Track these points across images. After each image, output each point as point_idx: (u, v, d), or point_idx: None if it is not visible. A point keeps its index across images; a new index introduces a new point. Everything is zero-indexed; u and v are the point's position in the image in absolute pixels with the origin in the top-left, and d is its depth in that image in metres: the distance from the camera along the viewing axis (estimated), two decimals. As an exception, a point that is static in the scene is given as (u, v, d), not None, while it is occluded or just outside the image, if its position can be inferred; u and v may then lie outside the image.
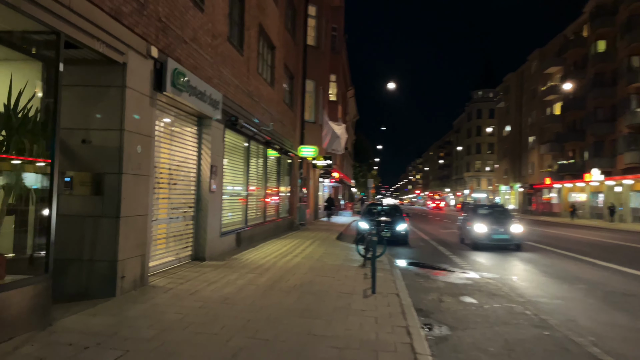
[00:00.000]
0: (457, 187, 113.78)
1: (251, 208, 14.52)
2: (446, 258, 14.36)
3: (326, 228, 23.20)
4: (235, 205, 13.06)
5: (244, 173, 13.55)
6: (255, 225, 14.59)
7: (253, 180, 14.69)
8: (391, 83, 40.69)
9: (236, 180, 13.03)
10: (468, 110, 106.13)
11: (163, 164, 8.84)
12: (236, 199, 13.18)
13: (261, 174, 15.79)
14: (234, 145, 12.55)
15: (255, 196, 15.22)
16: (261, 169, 15.79)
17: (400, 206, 20.26)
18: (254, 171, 14.75)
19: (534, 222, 39.66)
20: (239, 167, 13.20)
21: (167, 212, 9.09)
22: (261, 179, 15.80)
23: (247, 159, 13.64)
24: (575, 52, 52.52)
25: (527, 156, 66.97)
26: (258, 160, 15.47)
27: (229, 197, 12.48)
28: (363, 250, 11.50)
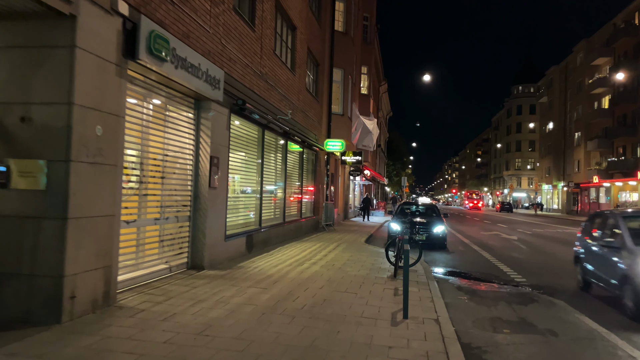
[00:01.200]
0: (496, 186, 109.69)
1: (267, 207, 12.86)
2: (492, 266, 12.33)
3: (355, 229, 21.38)
4: (246, 204, 11.43)
5: (258, 167, 11.90)
6: (272, 227, 12.93)
7: (269, 176, 13.03)
8: (426, 75, 38.50)
9: (248, 176, 11.39)
10: (507, 106, 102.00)
11: (148, 152, 7.26)
12: (247, 197, 11.55)
13: (280, 169, 14.13)
14: (244, 135, 10.91)
15: (272, 194, 13.57)
16: (280, 163, 14.12)
17: (436, 206, 18.28)
18: (270, 166, 13.10)
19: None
20: (251, 160, 11.55)
21: (156, 212, 7.51)
22: (280, 175, 14.14)
23: (261, 151, 11.98)
24: (625, 41, 48.81)
25: (572, 153, 63.20)
26: (276, 154, 13.81)
27: (237, 195, 10.85)
28: (394, 258, 9.67)
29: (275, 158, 13.69)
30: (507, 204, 72.34)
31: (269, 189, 13.16)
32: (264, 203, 12.49)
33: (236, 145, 10.36)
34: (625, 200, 48.92)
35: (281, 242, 13.67)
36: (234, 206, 10.51)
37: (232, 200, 10.33)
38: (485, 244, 17.77)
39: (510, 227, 29.75)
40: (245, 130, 10.97)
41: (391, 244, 10.20)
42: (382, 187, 63.59)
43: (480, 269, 11.76)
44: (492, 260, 13.40)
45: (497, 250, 15.99)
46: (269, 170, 12.98)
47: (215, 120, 8.78)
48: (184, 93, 8.08)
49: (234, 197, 10.56)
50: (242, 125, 10.71)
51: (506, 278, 10.49)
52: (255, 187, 11.85)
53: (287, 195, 14.93)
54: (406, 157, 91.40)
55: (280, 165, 14.12)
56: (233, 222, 10.35)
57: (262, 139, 11.99)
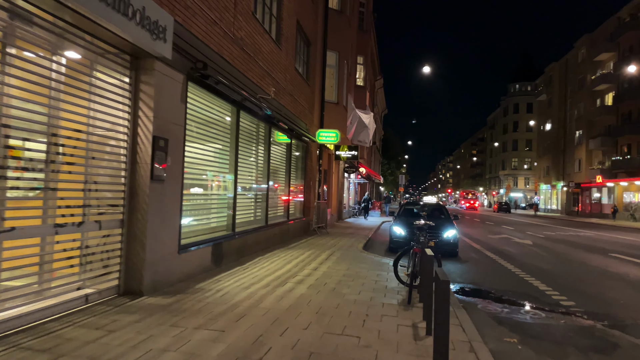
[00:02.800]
0: (491, 185, 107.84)
1: (244, 208, 10.42)
2: (521, 281, 9.96)
3: (351, 232, 18.98)
4: (213, 204, 8.98)
5: (232, 158, 9.45)
6: (251, 232, 10.49)
7: (247, 169, 10.60)
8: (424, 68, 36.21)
9: (217, 167, 8.94)
10: (504, 104, 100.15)
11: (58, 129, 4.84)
12: (216, 195, 9.10)
13: (262, 161, 11.70)
14: (210, 113, 8.45)
15: (251, 192, 11.14)
16: (262, 155, 11.69)
17: (445, 206, 15.94)
18: (249, 157, 10.66)
19: (601, 227, 34.66)
20: (221, 148, 9.11)
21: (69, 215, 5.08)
22: (262, 169, 11.71)
23: (235, 137, 9.53)
24: (631, 35, 46.81)
25: (573, 152, 61.17)
26: (257, 144, 11.38)
27: (200, 191, 8.41)
28: (406, 276, 7.30)
29: (256, 148, 11.26)
30: (504, 204, 70.29)
31: (246, 186, 10.73)
32: (240, 202, 10.05)
33: (198, 126, 7.91)
34: (630, 200, 46.93)
35: (262, 249, 11.24)
36: (194, 206, 8.07)
37: (191, 199, 7.90)
38: (500, 250, 15.42)
39: (517, 229, 27.49)
40: (213, 107, 8.51)
41: (402, 255, 7.81)
42: (376, 187, 61.26)
43: (509, 286, 9.38)
44: (517, 272, 11.03)
45: (517, 258, 13.64)
46: (247, 162, 10.54)
47: (163, 88, 6.34)
48: (114, 45, 5.64)
49: (195, 194, 8.12)
50: (208, 100, 8.26)
51: (548, 300, 8.12)
52: (228, 182, 9.40)
53: (271, 194, 12.51)
54: (401, 156, 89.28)
55: (262, 157, 11.69)
56: (193, 228, 7.91)
57: (237, 123, 9.54)
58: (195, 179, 8.08)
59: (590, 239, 21.86)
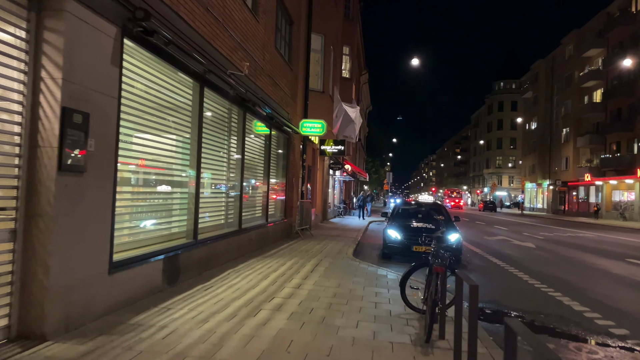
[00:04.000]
0: (475, 184, 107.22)
1: (209, 209, 8.51)
2: (548, 298, 8.24)
3: (337, 234, 17.17)
4: (165, 204, 7.05)
5: (193, 147, 7.52)
6: (219, 238, 8.57)
7: (214, 162, 8.67)
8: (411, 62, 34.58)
9: (171, 158, 7.01)
10: (488, 102, 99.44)
11: None
12: (170, 193, 7.17)
13: (235, 154, 9.79)
14: (162, 87, 6.52)
15: (219, 189, 9.23)
16: (235, 145, 9.79)
17: (444, 206, 14.18)
18: (217, 146, 8.74)
19: (596, 227, 33.47)
20: (177, 133, 7.18)
21: None
22: (235, 163, 9.81)
23: (198, 120, 7.60)
24: (621, 30, 45.89)
25: (560, 150, 60.30)
26: (229, 131, 9.48)
27: (146, 189, 6.49)
28: (422, 303, 5.53)
29: (227, 138, 9.36)
30: (490, 202, 69.25)
31: (214, 183, 8.82)
32: (205, 203, 8.14)
33: (144, 102, 5.99)
34: (619, 199, 46.04)
35: (235, 259, 9.35)
36: (138, 208, 6.16)
37: (133, 198, 5.98)
38: (505, 256, 13.76)
39: (511, 229, 25.99)
40: (165, 79, 6.58)
41: (411, 273, 6.00)
42: (360, 185, 59.57)
43: (537, 305, 7.65)
44: (537, 285, 9.32)
45: (528, 265, 11.97)
46: (215, 154, 8.63)
47: (80, 41, 4.41)
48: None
49: (139, 192, 6.20)
50: (158, 68, 6.33)
51: (594, 328, 6.40)
52: (188, 177, 7.47)
53: (246, 192, 10.61)
54: (385, 154, 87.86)
55: (235, 148, 9.79)
56: (135, 237, 5.99)
57: (200, 102, 7.61)
58: (138, 172, 6.16)
59: (593, 240, 20.40)
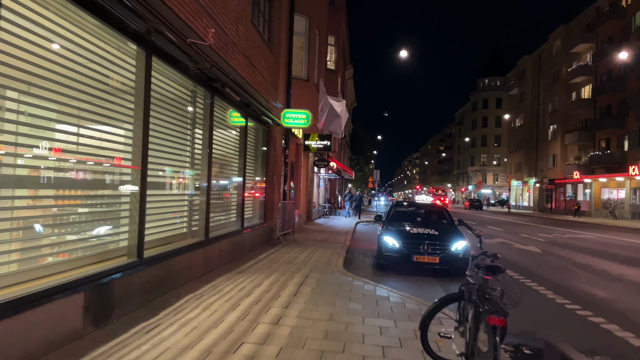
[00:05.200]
0: (459, 182, 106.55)
1: (161, 215, 6.62)
2: (589, 325, 6.58)
3: (324, 238, 15.39)
4: (90, 212, 5.15)
5: (137, 134, 5.63)
6: (176, 253, 6.69)
7: (169, 156, 6.80)
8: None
9: (102, 146, 5.11)
10: (473, 99, 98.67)
11: None
12: (99, 196, 5.27)
13: (200, 147, 7.92)
14: (85, 49, 4.65)
15: (177, 189, 7.37)
16: (200, 137, 7.92)
17: (445, 208, 12.45)
18: (172, 135, 6.87)
19: (593, 227, 32.29)
20: (112, 114, 5.30)
21: None
22: (200, 158, 7.94)
23: (144, 100, 5.70)
24: (611, 24, 45.00)
25: (547, 148, 59.40)
26: (193, 121, 7.61)
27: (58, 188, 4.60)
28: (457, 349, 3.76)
29: (190, 126, 7.50)
30: (476, 200, 68.25)
31: (169, 181, 6.96)
32: (157, 207, 6.28)
33: (51, 68, 4.12)
34: (609, 197, 45.14)
35: (199, 277, 7.50)
36: (42, 218, 4.28)
37: (28, 205, 4.11)
38: (512, 263, 12.11)
39: (506, 230, 24.53)
40: (91, 39, 4.71)
41: (436, 310, 4.23)
42: (344, 183, 57.87)
43: (584, 340, 5.97)
44: (569, 306, 7.65)
45: (543, 275, 10.33)
46: (171, 145, 6.76)
47: None
48: None
49: (41, 196, 4.33)
50: (78, 21, 4.47)
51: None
52: (129, 175, 5.60)
53: (216, 193, 8.76)
54: (369, 152, 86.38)
55: (200, 139, 7.93)
56: (32, 264, 4.11)
57: (147, 76, 5.73)
58: (48, 167, 4.30)
59: (598, 242, 18.95)
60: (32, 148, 4.04)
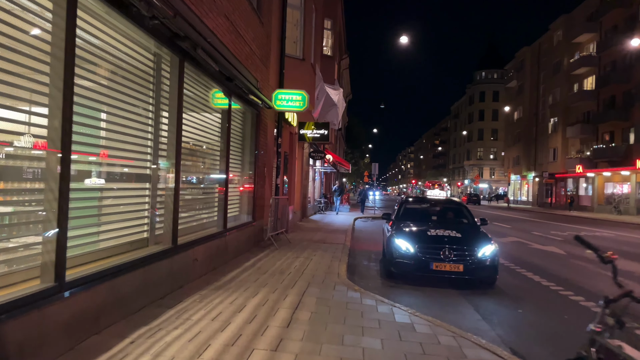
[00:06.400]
0: (455, 176, 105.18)
1: (101, 214, 4.82)
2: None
3: (321, 238, 13.64)
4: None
5: (55, 106, 3.82)
6: (124, 270, 4.89)
7: (112, 132, 4.98)
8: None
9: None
10: (469, 92, 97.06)
11: None
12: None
13: (165, 128, 6.11)
14: None
15: (128, 182, 5.56)
16: (165, 113, 6.10)
17: (464, 204, 10.67)
18: (119, 105, 5.04)
19: (603, 223, 30.72)
20: (18, 68, 3.47)
21: None
22: (167, 140, 6.13)
23: (64, 56, 3.89)
24: (615, 13, 43.36)
25: (547, 141, 57.88)
26: (155, 92, 5.80)
27: None
28: None
29: (150, 96, 5.69)
30: (474, 195, 66.83)
31: (114, 167, 5.16)
32: (87, 205, 4.49)
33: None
34: (612, 192, 43.69)
35: (162, 297, 5.70)
36: None
37: None
38: (539, 268, 10.42)
39: (515, 227, 22.88)
40: None
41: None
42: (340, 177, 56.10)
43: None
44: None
45: (586, 287, 8.65)
46: (117, 122, 4.94)
47: None
48: None
49: None
50: None
51: None
52: (44, 154, 3.79)
53: (188, 187, 6.96)
54: (365, 145, 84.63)
55: (166, 117, 6.11)
56: None
57: (69, 17, 3.91)
58: None
59: (623, 242, 17.28)
60: None
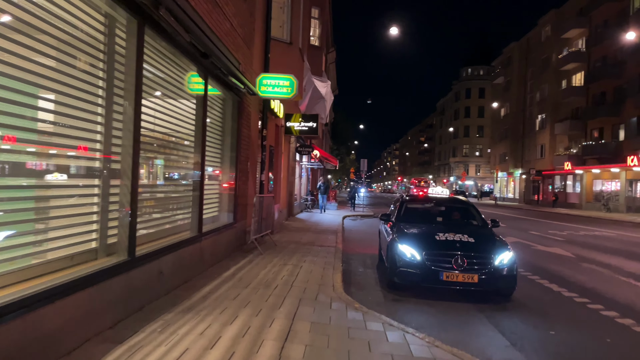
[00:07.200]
0: (440, 173, 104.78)
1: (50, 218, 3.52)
2: None
3: (309, 239, 12.42)
4: None
5: None
6: (55, 296, 3.60)
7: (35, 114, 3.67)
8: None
9: None
10: (455, 89, 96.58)
11: None
12: None
13: (121, 111, 4.82)
14: None
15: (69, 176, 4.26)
16: (119, 93, 4.81)
17: (471, 204, 9.51)
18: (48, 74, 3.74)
19: (593, 221, 30.02)
20: None
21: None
22: (122, 129, 4.83)
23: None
24: (606, 8, 42.76)
25: (534, 138, 57.38)
26: (107, 65, 4.50)
27: None
28: None
29: (107, 77, 4.40)
30: (460, 192, 66.27)
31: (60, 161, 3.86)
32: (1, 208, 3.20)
33: None
34: (601, 189, 43.19)
35: (111, 327, 4.41)
36: None
37: None
38: (552, 274, 9.34)
39: (511, 226, 21.88)
40: None
41: None
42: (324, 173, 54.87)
43: None
44: None
45: (613, 297, 7.57)
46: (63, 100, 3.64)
47: None
48: None
49: None
50: None
51: None
52: None
53: (148, 184, 5.68)
54: (351, 141, 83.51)
55: (120, 100, 4.82)
56: None
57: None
58: None
59: (628, 242, 16.32)
60: None
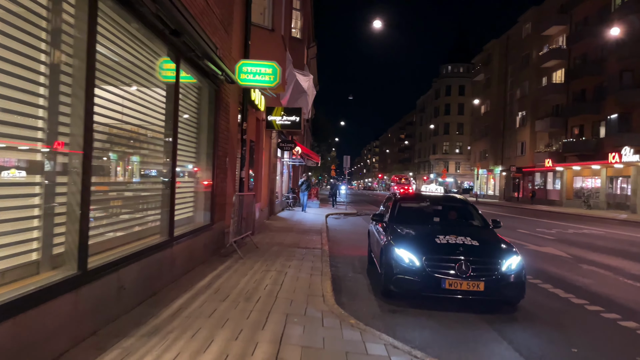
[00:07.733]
0: (420, 170, 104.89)
1: None
2: None
3: (293, 241, 11.59)
4: None
5: None
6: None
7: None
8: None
9: None
10: (435, 87, 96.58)
11: None
12: None
13: (69, 97, 3.91)
14: None
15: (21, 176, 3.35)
16: (66, 77, 3.90)
17: (470, 203, 8.83)
18: None
19: (576, 218, 29.82)
20: None
21: None
22: (71, 118, 3.93)
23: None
24: (587, 5, 42.86)
25: (515, 135, 57.46)
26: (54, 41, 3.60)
27: None
28: None
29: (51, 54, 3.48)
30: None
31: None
32: None
33: None
34: (581, 186, 43.31)
35: (58, 356, 3.54)
36: None
37: None
38: (558, 279, 8.75)
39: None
40: None
41: None
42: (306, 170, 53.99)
43: None
44: None
45: (628, 304, 6.94)
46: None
47: None
48: None
49: None
50: None
51: None
52: None
53: (103, 182, 4.78)
54: (331, 139, 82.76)
55: (70, 77, 3.91)
56: None
57: None
58: None
59: (617, 240, 15.87)
60: None
